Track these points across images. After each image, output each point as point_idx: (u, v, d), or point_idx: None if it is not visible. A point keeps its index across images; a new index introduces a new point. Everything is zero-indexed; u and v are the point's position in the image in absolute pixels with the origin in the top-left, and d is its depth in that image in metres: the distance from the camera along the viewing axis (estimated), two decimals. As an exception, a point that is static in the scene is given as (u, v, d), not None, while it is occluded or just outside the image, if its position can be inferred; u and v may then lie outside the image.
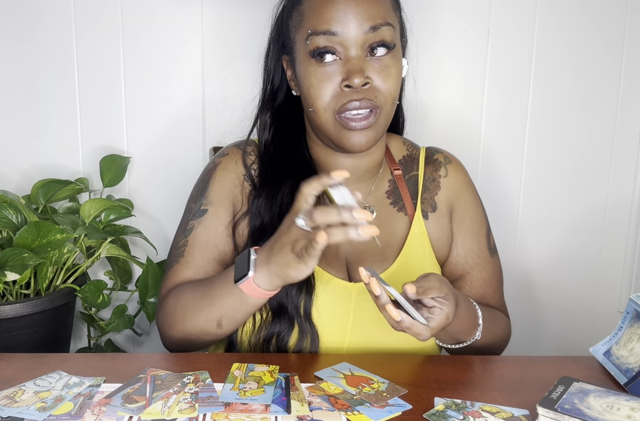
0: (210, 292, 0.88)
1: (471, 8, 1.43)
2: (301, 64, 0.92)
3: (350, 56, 0.89)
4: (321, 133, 0.95)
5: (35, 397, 0.74)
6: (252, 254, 0.83)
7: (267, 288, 0.82)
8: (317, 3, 0.90)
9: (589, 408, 0.68)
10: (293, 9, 0.95)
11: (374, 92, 0.89)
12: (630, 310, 0.86)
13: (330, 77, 0.89)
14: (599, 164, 1.52)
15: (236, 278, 0.83)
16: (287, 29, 0.96)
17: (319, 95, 0.90)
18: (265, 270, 0.81)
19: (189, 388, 0.77)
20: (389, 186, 1.04)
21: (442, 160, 1.06)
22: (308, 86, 0.91)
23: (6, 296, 1.20)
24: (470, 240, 1.04)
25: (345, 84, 0.88)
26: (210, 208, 0.98)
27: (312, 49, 0.89)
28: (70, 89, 1.41)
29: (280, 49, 1.00)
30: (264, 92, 1.04)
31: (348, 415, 0.72)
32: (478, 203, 1.07)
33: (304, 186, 0.76)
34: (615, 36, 1.46)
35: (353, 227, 0.71)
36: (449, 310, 0.79)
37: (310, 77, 0.90)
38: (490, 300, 1.04)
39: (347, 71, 0.88)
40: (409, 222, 1.01)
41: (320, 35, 0.88)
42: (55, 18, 1.38)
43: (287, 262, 0.77)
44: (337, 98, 0.89)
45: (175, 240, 1.01)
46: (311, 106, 0.92)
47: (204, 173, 1.04)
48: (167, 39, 1.40)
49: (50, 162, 1.44)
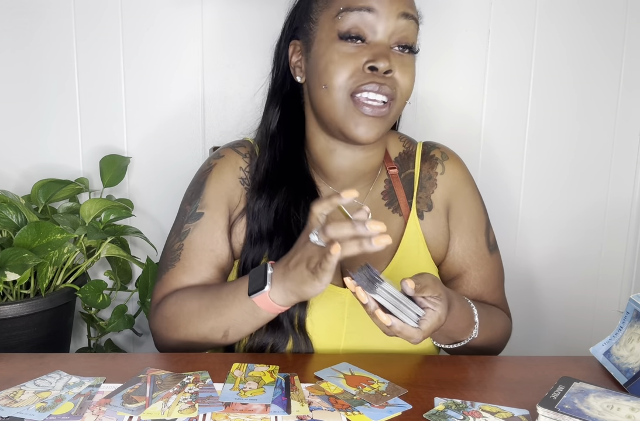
0: (219, 302, 0.87)
1: (471, 8, 1.43)
2: (322, 42, 0.90)
3: (378, 40, 0.88)
4: (328, 116, 0.91)
5: (35, 397, 0.74)
6: (269, 269, 0.83)
7: (281, 303, 0.82)
8: None
9: (589, 408, 0.68)
10: None
11: (394, 83, 0.88)
12: (630, 310, 0.86)
13: (355, 56, 0.88)
14: (599, 163, 1.52)
15: (251, 291, 0.83)
16: (308, 11, 0.94)
17: (339, 71, 0.88)
18: (280, 286, 0.81)
19: (189, 388, 0.77)
20: (385, 186, 1.02)
21: (439, 157, 1.04)
22: (327, 62, 0.89)
23: (6, 296, 1.20)
24: (468, 238, 1.02)
25: (371, 65, 0.86)
26: (206, 211, 0.97)
27: (341, 26, 0.88)
28: (70, 89, 1.41)
29: (292, 35, 0.97)
30: (274, 80, 1.02)
31: (348, 415, 0.72)
32: (477, 200, 1.05)
33: (314, 206, 0.76)
34: (615, 36, 1.46)
35: (366, 239, 0.71)
36: (441, 311, 0.78)
37: (333, 53, 0.88)
38: (489, 298, 1.03)
39: (374, 54, 0.87)
40: (404, 222, 1.00)
41: (354, 12, 0.87)
42: (55, 18, 1.38)
43: (303, 278, 0.78)
44: (356, 77, 0.87)
45: (168, 241, 0.99)
46: (325, 83, 0.89)
47: (198, 174, 1.02)
48: (167, 39, 1.40)
49: (50, 162, 1.44)
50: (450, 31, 1.43)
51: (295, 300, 0.82)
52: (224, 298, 0.87)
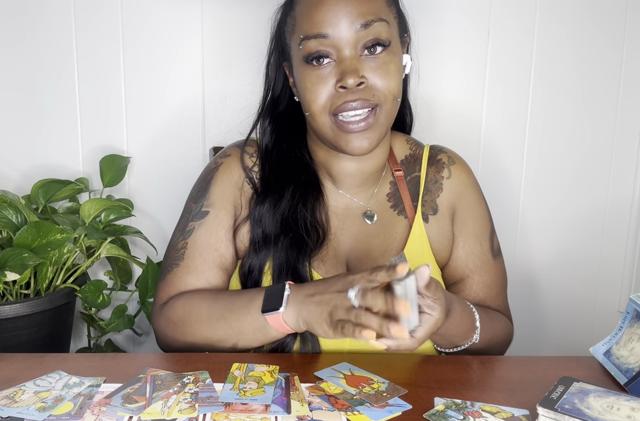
0: (230, 315, 0.87)
1: (471, 8, 1.43)
2: (297, 69, 0.92)
3: (343, 57, 0.87)
4: (321, 137, 0.94)
5: (35, 397, 0.74)
6: (287, 290, 0.83)
7: (292, 327, 0.83)
8: (307, 7, 0.89)
9: (589, 408, 0.68)
10: (287, 15, 0.94)
11: (371, 91, 0.88)
12: (630, 310, 0.86)
13: (325, 79, 0.88)
14: (599, 164, 1.52)
15: (265, 308, 0.83)
16: (284, 36, 0.96)
17: (314, 98, 0.89)
18: (295, 312, 0.81)
19: (189, 388, 0.77)
20: (390, 188, 1.02)
21: (446, 161, 1.04)
22: (304, 90, 0.90)
23: (6, 296, 1.20)
24: (472, 243, 1.02)
25: (340, 85, 0.87)
26: (211, 210, 0.97)
27: (305, 54, 0.89)
28: (70, 89, 1.41)
29: (280, 56, 0.99)
30: (264, 100, 1.03)
31: (348, 415, 0.72)
32: (482, 205, 1.05)
33: (373, 273, 0.74)
34: (616, 36, 1.46)
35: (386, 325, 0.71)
36: (438, 316, 0.78)
37: (305, 81, 0.90)
38: (492, 304, 1.03)
39: (341, 72, 0.87)
40: (409, 225, 1.00)
41: (311, 39, 0.87)
42: (55, 18, 1.38)
43: (319, 321, 0.78)
44: (332, 99, 0.88)
45: (173, 240, 0.99)
46: (307, 110, 0.91)
47: (204, 173, 1.02)
48: (167, 39, 1.40)
49: (50, 162, 1.44)
50: (450, 31, 1.43)
51: (304, 329, 0.82)
52: (237, 311, 0.86)
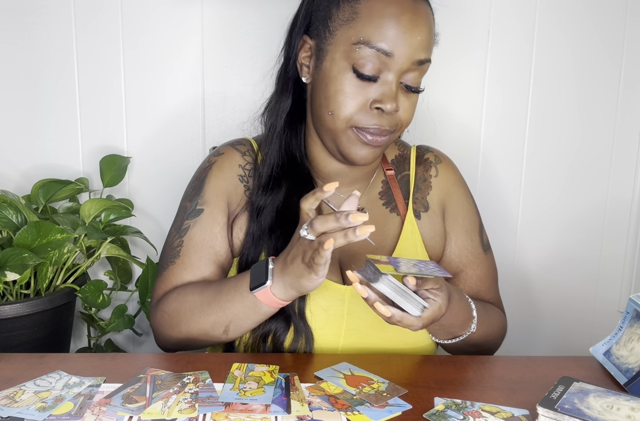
0: (220, 297, 0.88)
1: (471, 8, 1.43)
2: (335, 63, 0.89)
3: (390, 80, 0.88)
4: (329, 138, 0.93)
5: (35, 397, 0.74)
6: (270, 263, 0.84)
7: (282, 298, 0.83)
8: (379, 12, 0.85)
9: (589, 408, 0.68)
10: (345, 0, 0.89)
11: (396, 121, 0.90)
12: (630, 310, 0.87)
13: (364, 92, 0.88)
14: (598, 164, 1.52)
15: (252, 285, 0.84)
16: (327, 16, 0.90)
17: (347, 104, 0.88)
18: (281, 281, 0.82)
19: (189, 388, 0.77)
20: (382, 187, 1.04)
21: (433, 160, 1.07)
22: (337, 90, 0.89)
23: (6, 296, 1.20)
24: (464, 238, 1.05)
25: (377, 105, 0.87)
26: (206, 208, 0.98)
27: (359, 59, 0.86)
28: (70, 89, 1.41)
29: (305, 26, 0.94)
30: (284, 72, 0.98)
31: (348, 415, 0.72)
32: (470, 201, 1.08)
33: (302, 202, 0.79)
34: (615, 37, 1.46)
35: (351, 230, 0.73)
36: (442, 301, 0.80)
37: (344, 83, 0.88)
38: (485, 297, 1.05)
39: (382, 93, 0.88)
40: (401, 222, 1.02)
41: (373, 49, 0.86)
42: (55, 18, 1.38)
43: (300, 272, 0.79)
44: (362, 115, 0.88)
45: (169, 238, 1.00)
46: (332, 110, 0.89)
47: (198, 171, 1.03)
48: (167, 38, 1.40)
49: (50, 162, 1.44)
50: (450, 31, 1.43)
51: (295, 294, 0.83)
52: (226, 293, 0.87)
